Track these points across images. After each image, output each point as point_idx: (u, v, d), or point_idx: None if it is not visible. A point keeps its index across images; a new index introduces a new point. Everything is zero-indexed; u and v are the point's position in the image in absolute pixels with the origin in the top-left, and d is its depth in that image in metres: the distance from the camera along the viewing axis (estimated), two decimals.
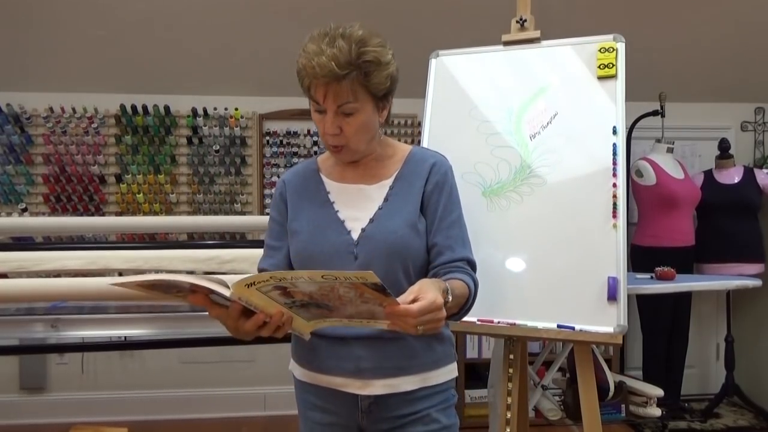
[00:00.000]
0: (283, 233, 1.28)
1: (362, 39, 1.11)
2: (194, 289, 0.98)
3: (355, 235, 1.20)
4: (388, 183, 1.25)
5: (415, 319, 0.95)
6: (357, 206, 1.23)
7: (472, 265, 1.24)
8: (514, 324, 1.74)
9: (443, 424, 1.23)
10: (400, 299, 0.96)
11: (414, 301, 0.97)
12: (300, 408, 1.30)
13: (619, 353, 3.57)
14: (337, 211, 1.24)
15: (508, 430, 1.79)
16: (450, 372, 1.26)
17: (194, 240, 3.01)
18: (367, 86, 1.13)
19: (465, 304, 1.17)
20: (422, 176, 1.25)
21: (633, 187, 3.51)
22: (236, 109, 3.53)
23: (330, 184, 1.28)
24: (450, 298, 1.07)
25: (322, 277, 0.90)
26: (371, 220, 1.21)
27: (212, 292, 0.96)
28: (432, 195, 1.23)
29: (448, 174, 1.27)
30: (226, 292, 0.94)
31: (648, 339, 3.53)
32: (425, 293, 0.98)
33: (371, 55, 1.12)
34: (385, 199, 1.23)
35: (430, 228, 1.23)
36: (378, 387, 1.18)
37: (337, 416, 1.23)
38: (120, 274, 1.94)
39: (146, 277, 0.96)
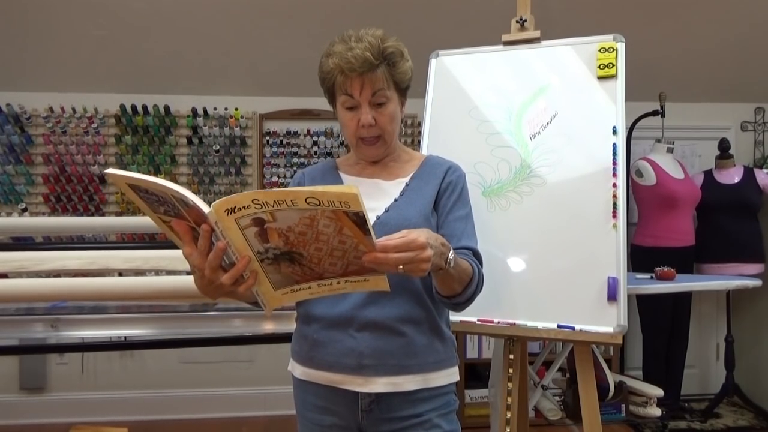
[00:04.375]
0: None
1: (383, 36, 1.22)
2: (183, 216, 0.92)
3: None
4: (404, 180, 1.30)
5: (393, 254, 0.94)
6: (373, 198, 1.25)
7: (477, 255, 1.25)
8: (514, 324, 1.74)
9: (445, 430, 1.22)
10: (385, 238, 0.95)
11: None
12: (299, 410, 1.29)
13: (619, 353, 3.57)
14: None
15: (508, 430, 1.79)
16: (451, 375, 1.26)
17: None
18: (394, 75, 1.23)
19: (469, 283, 1.17)
20: (438, 176, 1.30)
21: (633, 187, 3.51)
22: (236, 109, 3.53)
23: (347, 179, 1.32)
24: (451, 257, 1.07)
25: (305, 200, 0.87)
26: (387, 210, 1.24)
27: (200, 224, 0.90)
28: (445, 193, 1.28)
29: (461, 178, 1.33)
30: (212, 218, 0.89)
31: (648, 339, 3.52)
32: (410, 233, 0.98)
33: (394, 47, 1.22)
34: (401, 194, 1.27)
35: (440, 221, 1.26)
36: (380, 385, 1.18)
37: (337, 416, 1.22)
38: (120, 274, 1.94)
39: (142, 177, 0.89)
